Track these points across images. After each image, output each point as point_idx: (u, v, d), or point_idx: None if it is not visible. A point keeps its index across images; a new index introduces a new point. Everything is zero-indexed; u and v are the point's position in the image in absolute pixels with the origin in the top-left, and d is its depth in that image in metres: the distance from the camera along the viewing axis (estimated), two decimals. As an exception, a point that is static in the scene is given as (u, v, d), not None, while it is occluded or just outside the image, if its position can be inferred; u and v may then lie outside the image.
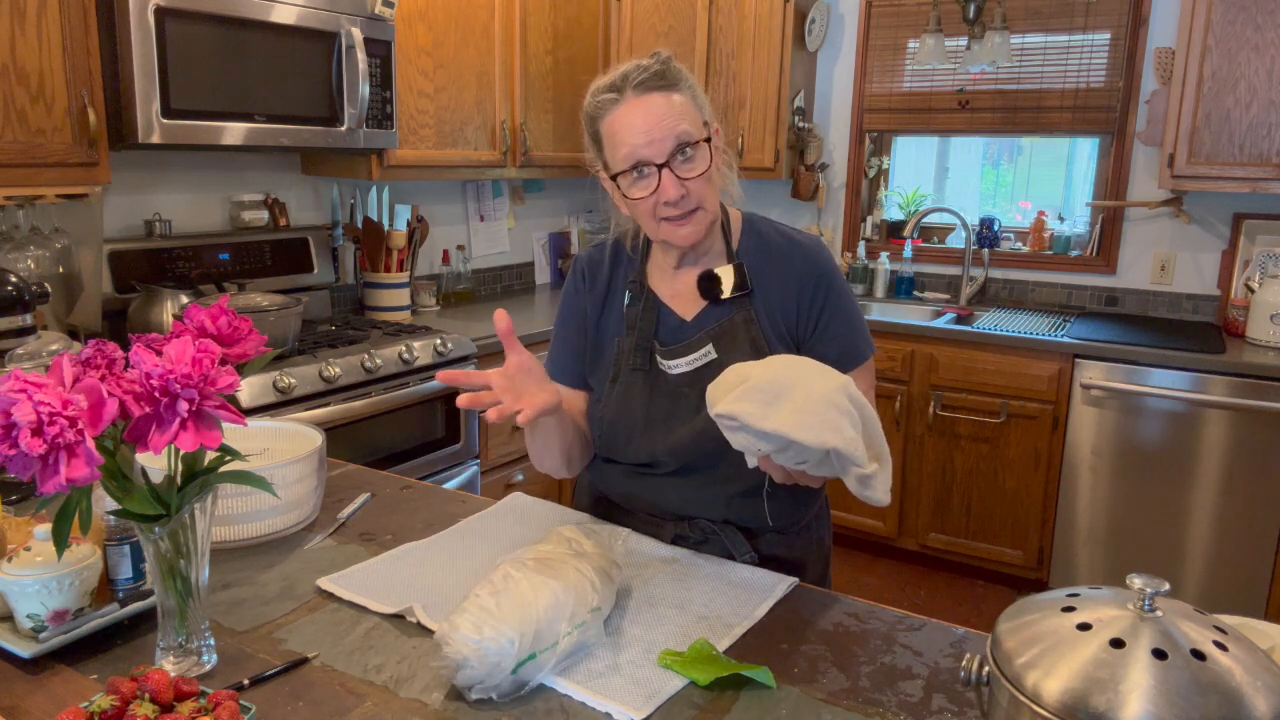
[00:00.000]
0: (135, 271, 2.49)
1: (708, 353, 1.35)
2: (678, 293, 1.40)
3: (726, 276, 1.35)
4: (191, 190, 2.76)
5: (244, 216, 2.85)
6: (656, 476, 1.39)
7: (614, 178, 1.29)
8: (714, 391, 1.09)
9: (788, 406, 1.02)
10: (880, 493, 1.07)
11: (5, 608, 1.03)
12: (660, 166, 1.25)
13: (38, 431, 0.77)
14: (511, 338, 1.19)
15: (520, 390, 1.16)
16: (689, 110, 1.27)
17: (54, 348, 1.71)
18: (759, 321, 1.35)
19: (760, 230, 1.41)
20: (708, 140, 1.28)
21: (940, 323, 3.40)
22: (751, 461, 1.13)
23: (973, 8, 3.48)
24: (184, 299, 2.38)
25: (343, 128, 2.61)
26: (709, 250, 1.39)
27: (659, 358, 1.37)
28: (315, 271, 2.98)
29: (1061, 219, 3.81)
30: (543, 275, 4.10)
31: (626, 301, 1.41)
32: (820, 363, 1.13)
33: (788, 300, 1.36)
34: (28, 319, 1.96)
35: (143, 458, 0.88)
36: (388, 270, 3.15)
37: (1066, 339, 3.08)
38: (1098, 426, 3.07)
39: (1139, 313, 3.54)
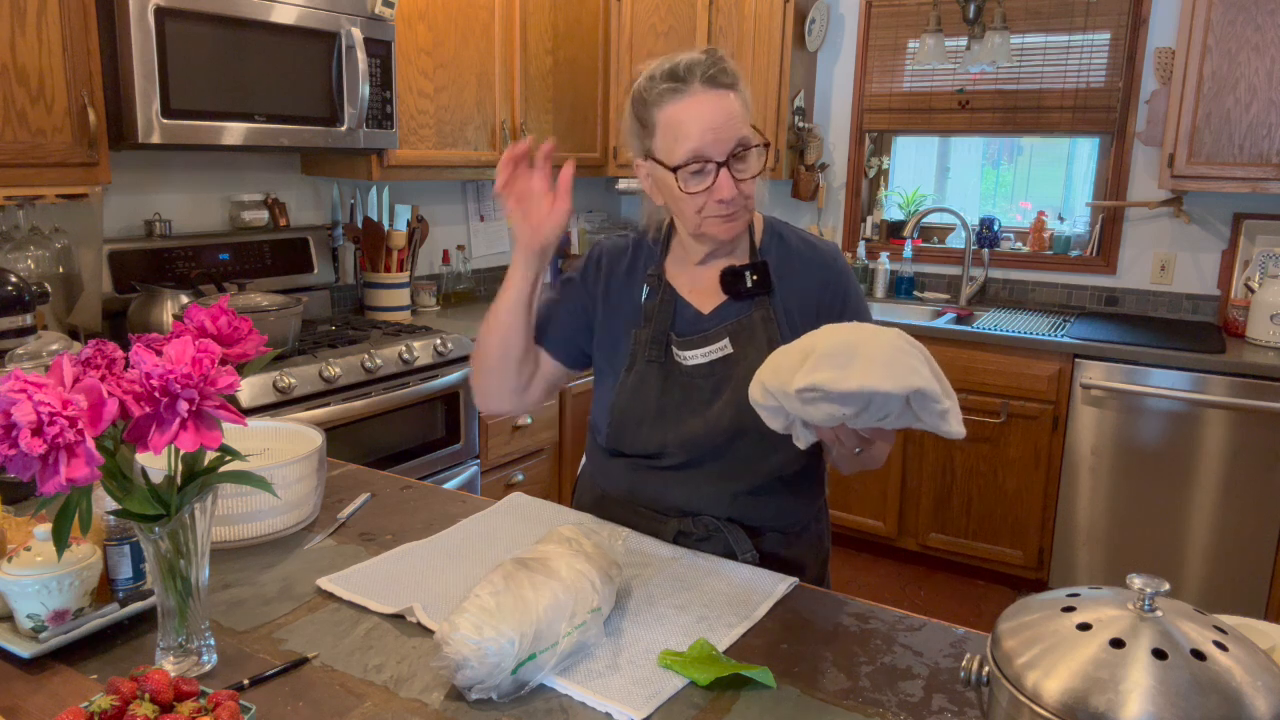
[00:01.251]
0: (135, 271, 2.49)
1: (724, 346, 1.36)
2: (697, 287, 1.41)
3: (750, 274, 1.36)
4: (191, 190, 2.76)
5: (244, 216, 2.85)
6: (662, 470, 1.40)
7: (674, 170, 1.27)
8: (774, 373, 1.07)
9: (863, 363, 1.01)
10: (957, 425, 1.05)
11: (5, 608, 1.03)
12: (720, 165, 1.25)
13: (38, 431, 0.77)
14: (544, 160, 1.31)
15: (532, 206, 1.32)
16: (745, 112, 1.28)
17: (54, 348, 1.71)
18: (777, 320, 1.36)
19: (781, 234, 1.43)
20: (763, 145, 1.29)
21: (940, 323, 3.40)
22: (803, 442, 1.11)
23: (973, 8, 3.48)
24: (184, 299, 2.38)
25: (343, 128, 2.61)
26: (734, 248, 1.40)
27: (674, 348, 1.38)
28: (315, 271, 2.98)
29: (1061, 219, 3.81)
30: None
31: (645, 295, 1.42)
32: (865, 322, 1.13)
33: (806, 303, 1.38)
34: (28, 319, 1.96)
35: (143, 458, 0.88)
36: (388, 270, 3.15)
37: (1066, 339, 3.08)
38: (1098, 426, 3.07)
39: (1139, 313, 3.54)
